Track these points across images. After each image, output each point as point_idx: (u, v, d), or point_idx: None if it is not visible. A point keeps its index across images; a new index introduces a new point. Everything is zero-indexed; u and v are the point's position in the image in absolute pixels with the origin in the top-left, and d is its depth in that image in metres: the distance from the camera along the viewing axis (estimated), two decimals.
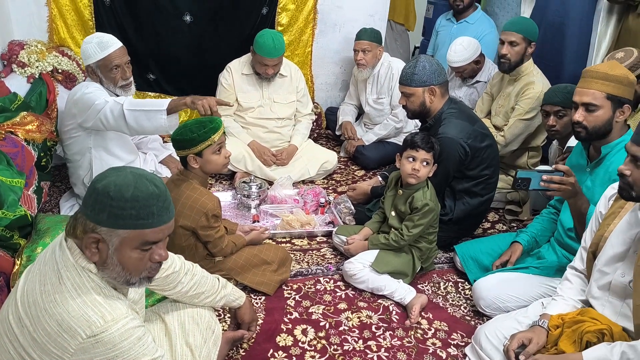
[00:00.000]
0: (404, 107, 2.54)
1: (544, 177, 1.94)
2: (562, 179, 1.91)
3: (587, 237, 1.80)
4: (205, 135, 2.00)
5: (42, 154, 2.53)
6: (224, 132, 2.10)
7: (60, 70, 2.99)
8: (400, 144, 2.45)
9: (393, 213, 2.37)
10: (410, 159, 2.24)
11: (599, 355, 1.52)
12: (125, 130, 2.44)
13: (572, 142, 2.59)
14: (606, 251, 1.66)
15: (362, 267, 2.30)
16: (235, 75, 3.31)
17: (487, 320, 2.07)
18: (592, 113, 1.94)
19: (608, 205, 1.73)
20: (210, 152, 2.04)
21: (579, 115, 1.96)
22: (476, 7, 3.97)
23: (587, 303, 1.77)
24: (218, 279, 1.77)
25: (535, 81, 2.98)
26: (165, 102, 2.38)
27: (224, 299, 1.78)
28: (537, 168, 2.95)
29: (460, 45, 3.41)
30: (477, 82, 3.58)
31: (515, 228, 2.92)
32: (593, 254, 1.72)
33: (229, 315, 2.06)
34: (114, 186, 1.17)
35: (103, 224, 1.18)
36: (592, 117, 1.94)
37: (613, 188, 1.74)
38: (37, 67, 2.90)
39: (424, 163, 2.23)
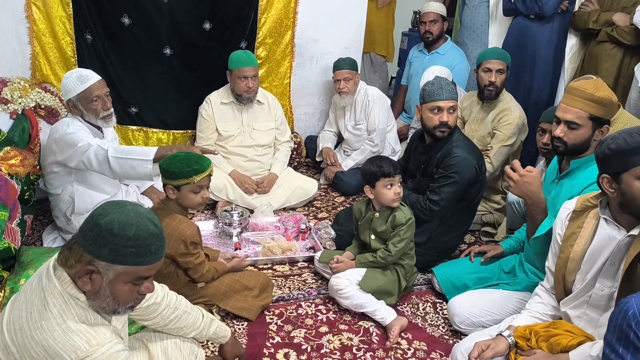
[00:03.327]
0: (444, 124, 2.51)
1: (507, 167, 2.10)
2: (511, 174, 2.07)
3: (550, 259, 1.86)
4: (186, 174, 2.06)
5: (25, 188, 2.56)
6: (210, 175, 2.14)
7: (43, 106, 3.04)
8: None
9: (373, 236, 2.44)
10: (389, 186, 2.33)
11: (583, 352, 1.59)
12: (108, 174, 2.49)
13: None
14: (584, 271, 1.71)
15: (348, 283, 2.35)
16: (215, 105, 3.41)
17: (464, 338, 2.13)
18: (573, 130, 2.00)
19: (565, 225, 1.79)
20: (187, 189, 2.09)
21: (560, 131, 2.02)
22: (446, 38, 4.15)
23: (555, 318, 1.83)
24: (202, 317, 1.77)
25: (512, 107, 3.10)
26: (151, 151, 2.41)
27: (205, 337, 1.79)
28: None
29: (433, 73, 3.54)
30: None
31: None
32: (563, 276, 1.78)
33: (213, 344, 2.09)
34: (117, 224, 1.22)
35: (102, 259, 1.23)
36: (573, 134, 2.00)
37: (567, 208, 1.80)
38: (20, 103, 2.95)
39: (399, 184, 2.34)
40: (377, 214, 2.41)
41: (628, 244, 1.60)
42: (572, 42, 3.76)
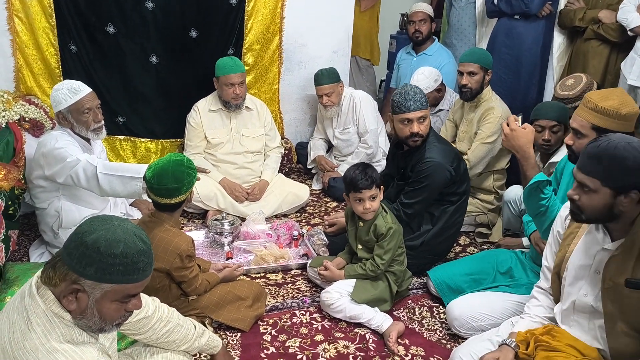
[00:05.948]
0: (415, 134, 2.50)
1: (502, 123, 2.30)
2: (504, 128, 2.24)
3: (549, 257, 1.84)
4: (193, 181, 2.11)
5: (9, 203, 2.50)
6: None
7: (27, 119, 2.99)
8: None
9: (359, 245, 2.41)
10: (358, 201, 2.30)
11: None
12: (96, 191, 2.44)
13: (556, 158, 2.66)
14: (569, 271, 1.70)
15: (339, 296, 2.32)
16: (202, 113, 3.37)
17: (462, 342, 2.10)
18: (579, 139, 2.01)
19: (565, 224, 1.78)
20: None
21: (568, 139, 2.05)
22: (433, 39, 4.15)
23: (554, 320, 1.81)
24: (194, 328, 1.74)
25: (495, 106, 3.09)
26: (141, 168, 2.35)
27: (197, 349, 1.77)
28: None
29: (422, 74, 3.55)
30: (440, 110, 3.71)
31: (487, 250, 2.98)
32: (558, 275, 1.76)
33: (204, 355, 2.05)
34: (104, 241, 1.18)
35: (88, 277, 1.19)
36: (579, 142, 2.01)
37: (567, 208, 1.79)
38: (3, 116, 2.89)
39: (371, 198, 2.29)
40: (361, 223, 2.38)
41: (608, 254, 1.59)
42: (559, 40, 3.77)
